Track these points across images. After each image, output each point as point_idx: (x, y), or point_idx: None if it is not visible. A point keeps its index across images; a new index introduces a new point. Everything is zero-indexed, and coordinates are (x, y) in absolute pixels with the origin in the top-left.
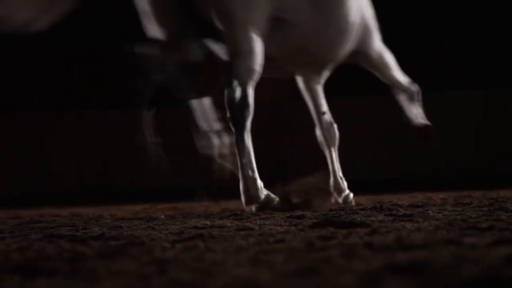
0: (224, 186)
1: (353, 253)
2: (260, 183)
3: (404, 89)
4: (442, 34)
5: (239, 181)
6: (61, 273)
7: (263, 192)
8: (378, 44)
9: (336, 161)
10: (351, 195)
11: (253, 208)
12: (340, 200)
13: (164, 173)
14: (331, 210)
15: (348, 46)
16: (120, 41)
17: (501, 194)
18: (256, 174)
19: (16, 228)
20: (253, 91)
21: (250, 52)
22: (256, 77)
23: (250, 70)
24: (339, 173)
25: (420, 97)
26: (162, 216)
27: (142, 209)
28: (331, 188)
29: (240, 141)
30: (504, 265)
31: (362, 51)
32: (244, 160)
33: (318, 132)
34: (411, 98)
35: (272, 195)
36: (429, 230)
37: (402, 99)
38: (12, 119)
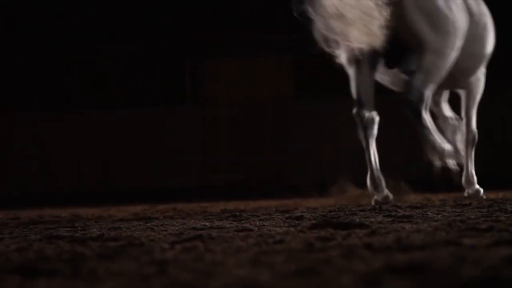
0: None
1: (352, 254)
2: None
3: (471, 130)
4: None
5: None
6: (61, 273)
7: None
8: (482, 71)
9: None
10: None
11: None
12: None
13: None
14: (330, 211)
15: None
16: (120, 41)
17: (500, 195)
18: (438, 138)
19: (15, 229)
20: (429, 94)
21: (437, 69)
22: (432, 87)
23: (430, 81)
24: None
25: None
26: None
27: (141, 210)
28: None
29: (420, 127)
30: (503, 265)
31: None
32: (429, 136)
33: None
34: (472, 143)
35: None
36: (429, 231)
37: (462, 141)
38: (12, 119)
